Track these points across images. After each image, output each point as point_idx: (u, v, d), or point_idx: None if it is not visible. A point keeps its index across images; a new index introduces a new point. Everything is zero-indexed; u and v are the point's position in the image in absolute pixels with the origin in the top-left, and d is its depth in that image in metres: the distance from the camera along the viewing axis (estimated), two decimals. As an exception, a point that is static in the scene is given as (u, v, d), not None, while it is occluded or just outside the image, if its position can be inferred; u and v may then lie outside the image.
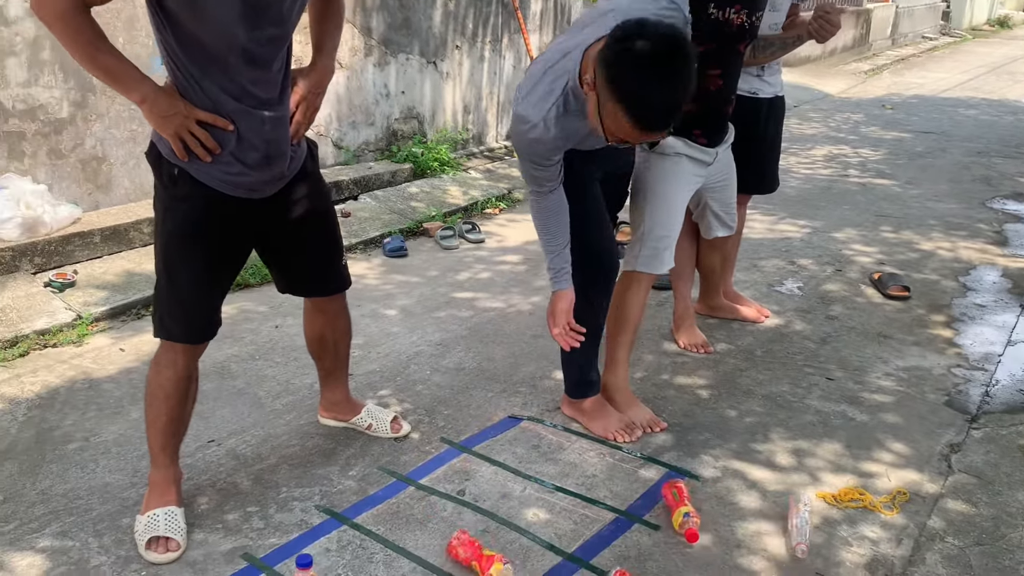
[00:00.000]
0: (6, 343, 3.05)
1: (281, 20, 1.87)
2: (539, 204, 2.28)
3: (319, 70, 2.11)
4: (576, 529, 2.17)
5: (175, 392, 2.10)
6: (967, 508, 2.29)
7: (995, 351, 3.24)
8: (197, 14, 1.75)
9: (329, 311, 2.41)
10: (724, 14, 2.51)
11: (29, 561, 2.01)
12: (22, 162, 3.58)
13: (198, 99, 1.85)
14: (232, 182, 1.95)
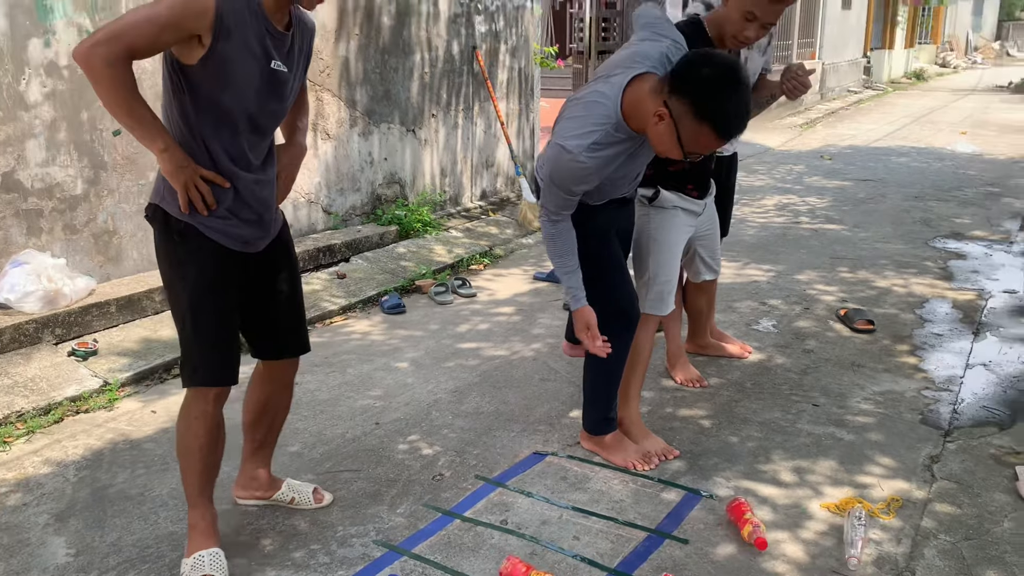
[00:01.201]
0: (40, 411, 3.17)
1: (286, 97, 2.17)
2: (553, 230, 2.53)
3: (295, 147, 2.37)
4: (614, 547, 2.40)
5: (208, 439, 2.24)
6: (953, 509, 2.58)
7: (957, 373, 3.58)
8: (222, 83, 2.01)
9: (280, 381, 2.49)
10: None
11: (117, 604, 2.15)
12: (40, 238, 3.73)
13: (200, 158, 2.07)
14: (231, 234, 2.16)
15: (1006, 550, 2.37)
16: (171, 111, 2.08)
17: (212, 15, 1.94)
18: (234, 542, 2.41)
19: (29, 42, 3.58)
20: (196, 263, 2.15)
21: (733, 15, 2.70)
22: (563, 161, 2.37)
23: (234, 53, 2.00)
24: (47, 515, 2.55)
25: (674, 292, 2.98)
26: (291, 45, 2.14)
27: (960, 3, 31.48)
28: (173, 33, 1.94)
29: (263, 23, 2.03)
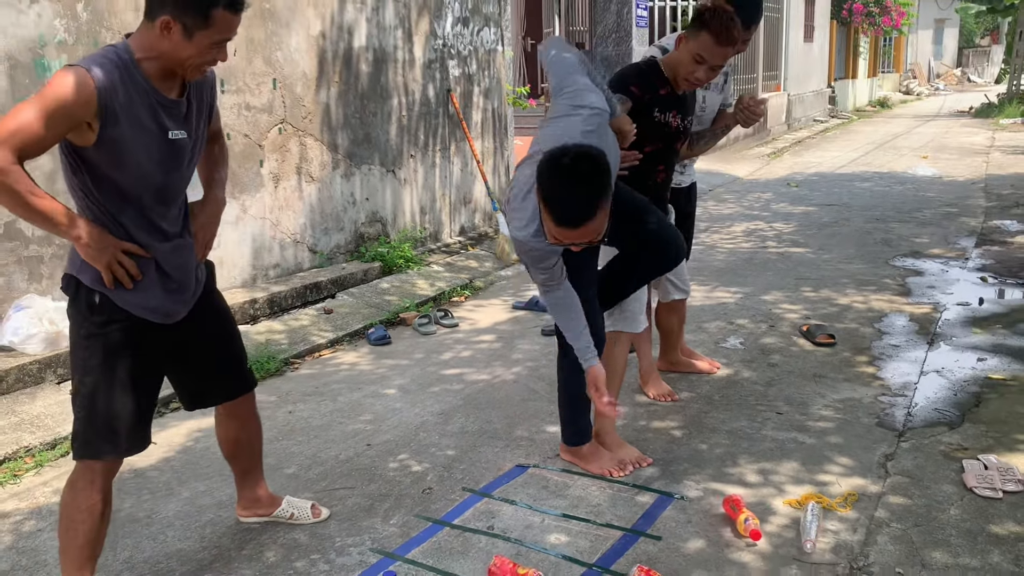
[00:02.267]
0: (47, 445, 3.34)
1: (189, 163, 2.22)
2: (551, 298, 2.69)
3: (212, 202, 2.40)
4: (593, 545, 2.59)
5: (92, 514, 2.19)
6: (905, 500, 2.79)
7: (911, 380, 3.82)
8: (118, 164, 2.04)
9: (241, 415, 2.58)
10: (664, 117, 3.11)
11: (134, 614, 2.32)
12: (40, 283, 3.92)
13: (115, 232, 2.09)
14: (151, 308, 2.18)
15: (951, 534, 2.59)
16: (75, 189, 2.10)
17: (95, 103, 1.95)
18: (238, 556, 2.59)
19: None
20: (104, 337, 2.15)
21: (684, 58, 2.97)
22: (523, 248, 2.55)
23: (127, 133, 2.02)
24: (61, 539, 2.72)
25: (644, 311, 3.21)
26: (188, 108, 2.17)
27: (920, 32, 32.41)
28: (61, 126, 1.95)
29: (153, 96, 2.06)
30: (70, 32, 3.92)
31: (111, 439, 2.20)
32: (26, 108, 1.94)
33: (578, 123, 2.55)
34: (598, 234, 2.40)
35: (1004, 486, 2.82)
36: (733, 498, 2.73)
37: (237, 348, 2.54)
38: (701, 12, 2.91)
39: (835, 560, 2.48)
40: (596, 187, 2.31)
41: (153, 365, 2.29)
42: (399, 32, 5.90)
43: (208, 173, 2.44)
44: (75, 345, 2.21)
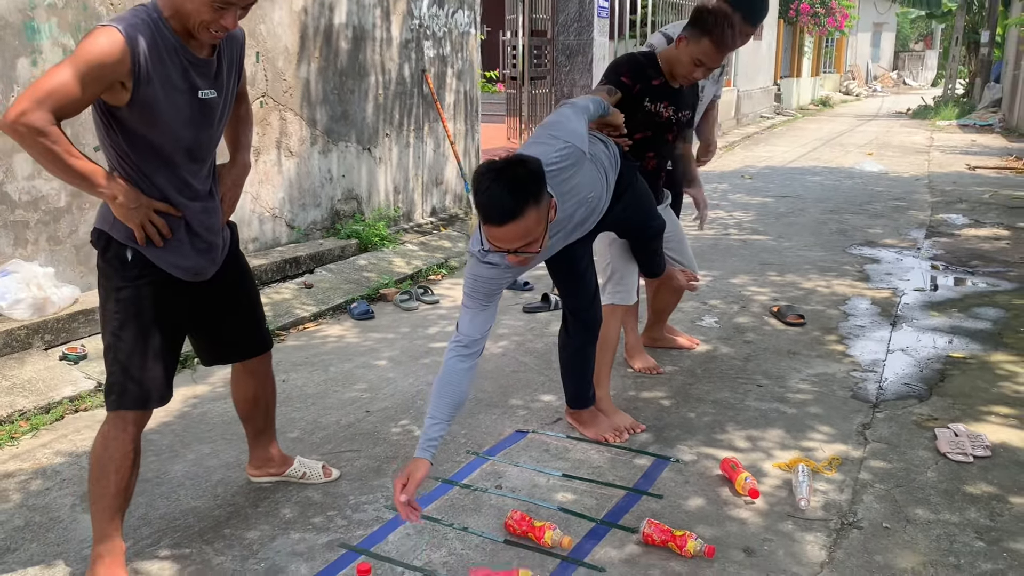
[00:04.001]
0: (41, 409, 3.32)
1: (220, 121, 2.25)
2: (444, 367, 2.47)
3: (239, 165, 2.45)
4: (599, 503, 2.71)
5: (124, 463, 2.24)
6: (885, 464, 2.98)
7: (879, 358, 4.02)
8: (151, 123, 2.07)
9: (259, 373, 2.63)
10: (655, 107, 3.22)
11: (159, 566, 2.36)
12: (26, 248, 3.87)
13: (148, 192, 2.13)
14: (180, 266, 2.23)
15: (931, 493, 2.77)
16: (108, 148, 2.13)
17: (128, 62, 1.98)
18: (254, 513, 2.64)
19: (18, 61, 3.74)
20: (133, 292, 2.19)
21: (684, 58, 3.08)
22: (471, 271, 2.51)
23: (158, 92, 2.05)
24: (71, 497, 2.73)
25: (635, 285, 3.34)
26: (218, 67, 2.20)
27: (860, 34, 33.33)
28: (96, 86, 1.97)
29: (183, 55, 2.09)
30: (60, -5, 3.88)
31: (142, 390, 2.24)
32: (61, 69, 1.95)
33: (549, 151, 2.49)
34: (529, 238, 2.25)
35: (974, 451, 3.03)
36: (732, 460, 2.87)
37: (257, 309, 2.59)
38: (702, 16, 3.00)
39: (827, 516, 2.64)
40: (523, 189, 2.19)
41: (179, 321, 2.33)
42: (377, 11, 5.92)
43: (234, 136, 2.47)
44: (106, 299, 2.24)
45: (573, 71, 11.24)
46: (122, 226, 2.15)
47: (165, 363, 2.28)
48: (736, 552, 2.44)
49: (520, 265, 2.45)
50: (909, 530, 2.56)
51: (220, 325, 2.48)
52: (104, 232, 2.19)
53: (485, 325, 2.52)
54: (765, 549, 2.46)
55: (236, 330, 2.52)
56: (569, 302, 3.08)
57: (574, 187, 2.57)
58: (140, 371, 2.22)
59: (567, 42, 11.21)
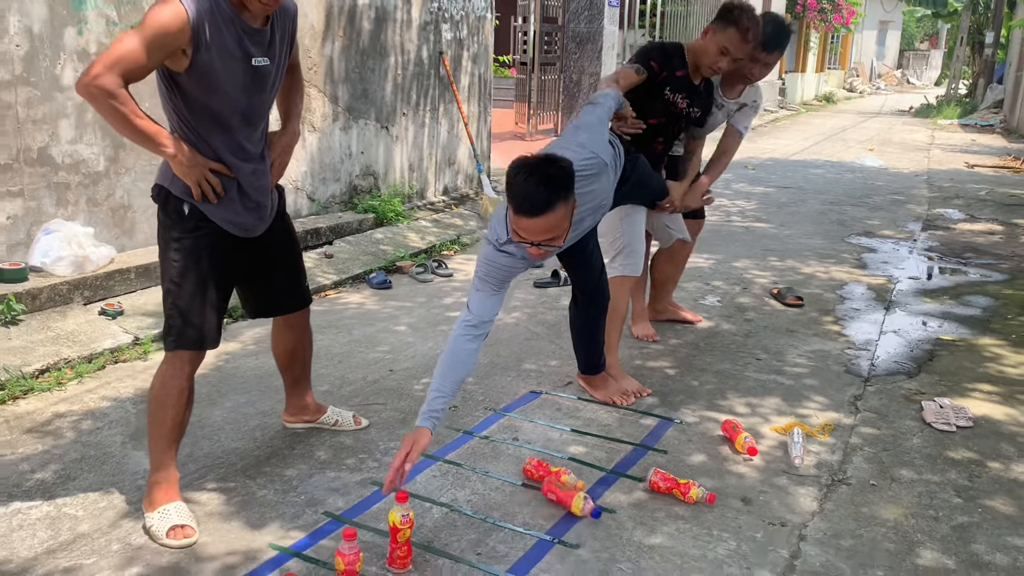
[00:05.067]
0: (84, 359, 3.53)
1: (272, 87, 2.43)
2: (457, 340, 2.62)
3: (289, 133, 2.64)
4: (608, 456, 2.93)
5: (180, 398, 2.44)
6: (874, 431, 3.20)
7: (872, 338, 4.25)
8: (208, 88, 2.26)
9: (298, 326, 2.85)
10: (674, 97, 3.44)
11: (207, 497, 2.57)
12: (67, 209, 4.07)
13: (204, 152, 2.33)
14: (232, 221, 2.43)
15: (915, 457, 3.00)
16: (169, 111, 2.32)
17: (188, 31, 2.16)
18: (291, 454, 2.85)
19: (65, 30, 3.93)
20: (191, 242, 2.39)
21: (710, 48, 3.28)
22: (486, 257, 2.68)
23: (215, 61, 2.22)
24: (120, 436, 2.95)
25: (643, 257, 3.56)
26: (271, 37, 2.36)
27: (865, 32, 33.44)
28: (160, 53, 2.16)
29: (238, 25, 2.26)
30: (105, -32, 4.06)
31: (198, 333, 2.44)
32: (128, 37, 2.15)
33: (576, 158, 2.64)
34: (555, 233, 2.43)
35: (958, 422, 3.25)
36: (732, 421, 3.09)
37: (300, 266, 2.79)
38: (729, 8, 3.22)
39: (818, 474, 2.86)
40: (556, 186, 2.37)
41: (230, 273, 2.54)
42: (399, -8, 6.11)
43: (286, 104, 2.67)
44: (164, 249, 2.44)
45: (583, 58, 11.42)
46: (180, 182, 2.35)
47: (217, 310, 2.49)
48: (735, 501, 2.66)
49: (539, 257, 2.62)
50: (894, 487, 2.78)
51: (266, 280, 2.68)
52: (164, 187, 2.40)
53: (494, 308, 2.69)
54: (761, 499, 2.68)
55: (280, 285, 2.72)
56: (577, 282, 3.28)
57: (592, 192, 2.74)
58: (196, 315, 2.43)
59: (577, 29, 11.38)
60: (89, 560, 2.25)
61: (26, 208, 3.90)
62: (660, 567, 2.31)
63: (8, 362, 3.34)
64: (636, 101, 3.29)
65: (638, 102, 3.29)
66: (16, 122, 3.79)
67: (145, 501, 2.44)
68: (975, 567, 2.36)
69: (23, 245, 3.91)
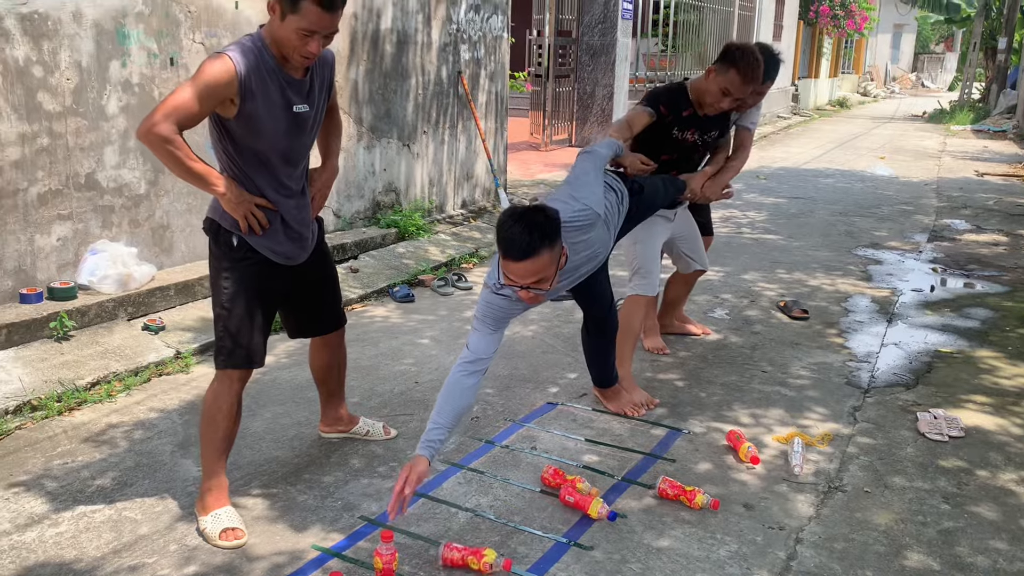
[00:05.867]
0: (130, 372, 3.79)
1: (311, 131, 2.65)
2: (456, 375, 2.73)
3: (328, 170, 2.87)
4: (620, 464, 3.15)
5: (230, 413, 2.68)
6: (870, 440, 3.41)
7: (874, 350, 4.45)
8: (254, 133, 2.49)
9: (333, 344, 3.08)
10: (682, 135, 3.66)
11: (253, 502, 2.82)
12: (111, 230, 4.34)
13: (250, 189, 2.57)
14: (276, 251, 2.66)
15: (908, 466, 3.20)
16: (219, 152, 2.56)
17: (236, 84, 2.40)
18: (327, 462, 3.09)
19: (110, 63, 4.20)
20: (239, 271, 2.62)
21: (712, 88, 3.49)
22: (485, 299, 2.82)
23: (260, 109, 2.45)
24: (170, 445, 3.20)
25: (658, 277, 3.79)
26: (311, 86, 2.59)
27: (880, 35, 33.50)
28: (211, 103, 2.40)
29: (280, 76, 2.49)
30: (147, 4, 4.32)
31: (244, 353, 2.69)
32: (183, 89, 2.40)
33: (568, 210, 2.84)
34: (540, 276, 2.55)
35: (950, 432, 3.45)
36: (736, 431, 3.31)
37: (337, 291, 3.03)
38: (730, 50, 3.43)
39: (816, 481, 3.07)
40: (541, 232, 2.51)
41: (274, 297, 2.78)
42: (420, 16, 6.36)
43: (325, 143, 2.91)
44: (216, 277, 2.69)
45: (596, 70, 11.65)
46: (229, 216, 2.60)
47: (263, 332, 2.74)
48: (737, 507, 2.88)
49: (530, 302, 2.75)
50: (886, 494, 2.99)
51: (306, 304, 2.93)
52: (215, 221, 2.65)
53: (492, 347, 2.81)
54: (762, 505, 2.90)
55: (319, 309, 2.97)
56: (588, 313, 3.49)
57: (585, 241, 2.90)
58: (245, 337, 2.67)
59: (591, 42, 11.61)
60: (151, 559, 2.50)
61: (74, 230, 4.17)
62: (667, 567, 2.53)
63: (63, 375, 3.60)
64: (649, 139, 3.53)
65: (651, 140, 3.53)
66: (66, 150, 4.06)
67: (198, 506, 2.68)
68: (958, 568, 2.56)
69: (71, 265, 4.17)
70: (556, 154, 10.98)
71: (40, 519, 2.69)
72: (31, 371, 3.59)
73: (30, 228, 3.97)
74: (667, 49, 14.02)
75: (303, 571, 2.45)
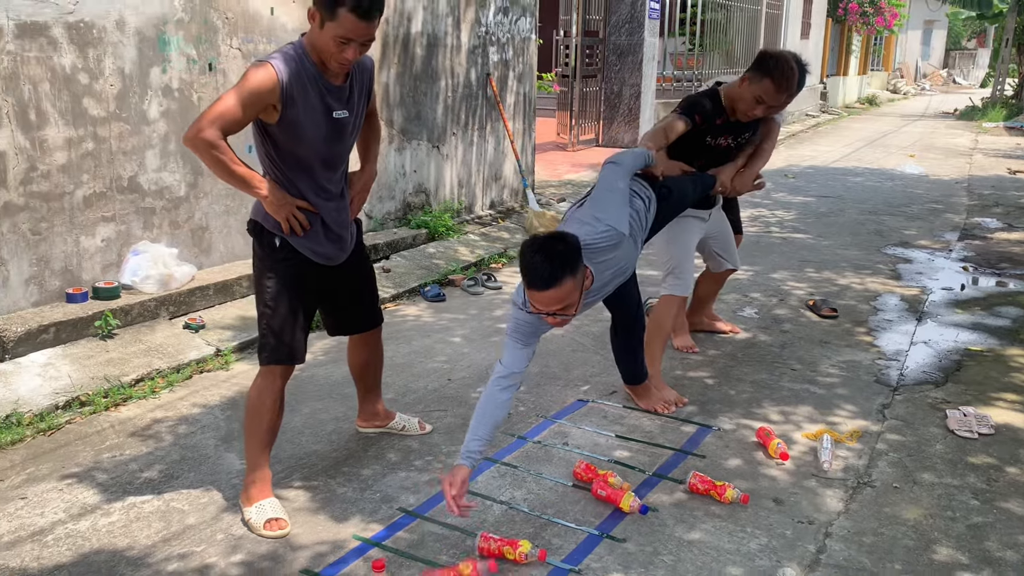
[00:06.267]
0: (173, 369, 3.90)
1: (351, 136, 2.75)
2: (492, 390, 2.80)
3: (367, 173, 2.98)
4: (651, 460, 3.21)
5: (273, 407, 2.79)
6: (899, 437, 3.44)
7: (903, 348, 4.46)
8: (295, 139, 2.59)
9: (371, 343, 3.19)
10: (715, 141, 3.71)
11: (295, 494, 2.91)
12: (152, 232, 4.46)
13: (291, 192, 2.66)
14: (316, 251, 2.76)
15: (937, 462, 3.23)
16: (262, 156, 2.67)
17: (279, 90, 2.50)
18: (365, 456, 3.18)
19: (151, 69, 4.33)
20: (282, 271, 2.73)
21: (746, 96, 3.53)
22: (514, 315, 2.87)
23: (301, 115, 2.55)
24: (214, 439, 3.31)
25: (691, 277, 3.84)
26: (350, 92, 2.67)
27: (910, 32, 33.14)
28: (254, 109, 2.50)
29: (320, 83, 2.58)
30: (186, 12, 4.44)
31: (287, 350, 2.79)
32: (228, 96, 2.50)
33: (590, 232, 2.89)
34: (565, 303, 2.60)
35: (979, 429, 3.47)
36: (766, 428, 3.36)
37: (374, 290, 3.13)
38: (765, 58, 3.47)
39: (845, 477, 3.11)
40: (563, 262, 2.54)
41: (314, 296, 2.88)
42: (449, 20, 6.45)
43: (364, 148, 3.00)
44: (259, 277, 2.79)
45: (623, 70, 11.68)
46: (272, 219, 2.69)
47: (304, 330, 2.83)
48: (767, 501, 2.93)
49: (558, 325, 2.76)
50: (915, 490, 3.02)
51: (345, 303, 3.02)
52: (258, 223, 2.74)
53: (524, 361, 2.86)
54: (792, 500, 2.94)
55: (357, 308, 3.06)
56: (616, 316, 3.56)
57: (610, 260, 2.93)
58: (288, 335, 2.77)
59: (618, 42, 11.65)
60: (199, 548, 2.60)
61: (117, 231, 4.30)
62: (698, 559, 2.59)
63: (108, 372, 3.72)
64: (683, 146, 3.59)
65: (686, 147, 3.58)
66: (110, 154, 4.19)
67: (242, 497, 2.78)
68: (986, 563, 2.60)
69: (115, 265, 4.30)
70: (583, 154, 11.03)
71: (93, 509, 2.80)
72: (79, 368, 3.71)
73: (76, 230, 4.11)
74: (694, 48, 14.01)
75: (345, 560, 2.54)
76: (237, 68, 4.71)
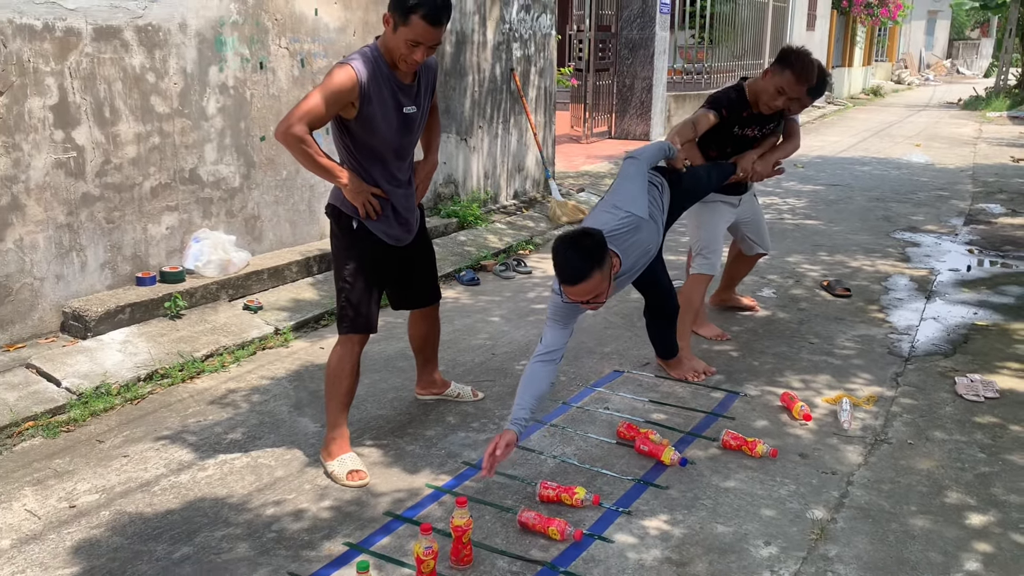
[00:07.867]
0: (237, 346, 4.22)
1: (416, 130, 3.05)
2: (535, 365, 3.01)
3: (430, 163, 3.26)
4: (685, 422, 3.52)
5: (350, 371, 3.09)
6: (912, 401, 3.74)
7: (914, 323, 4.77)
8: (370, 132, 2.89)
9: (431, 317, 3.48)
10: (742, 131, 4.01)
11: (368, 451, 3.23)
12: (210, 220, 4.78)
13: (366, 180, 2.95)
14: (388, 233, 3.06)
15: (947, 422, 3.54)
16: (340, 148, 2.98)
17: (358, 89, 2.79)
18: (426, 420, 3.50)
19: (210, 68, 4.64)
20: (358, 249, 3.03)
21: (768, 87, 3.82)
22: (552, 300, 3.12)
23: (376, 111, 2.83)
24: (286, 406, 3.63)
25: (719, 258, 4.15)
26: (418, 89, 2.96)
27: (914, 22, 33.32)
28: (336, 107, 2.79)
29: (393, 83, 2.86)
30: (240, 14, 4.75)
31: (364, 321, 3.10)
32: (314, 94, 2.80)
33: (611, 220, 3.15)
34: (596, 293, 2.84)
35: (985, 393, 3.78)
36: (789, 393, 3.67)
37: (435, 269, 3.44)
38: (786, 52, 3.77)
39: (863, 435, 3.42)
40: (590, 256, 2.79)
41: (384, 274, 3.19)
42: (476, 17, 6.74)
43: (427, 140, 3.30)
44: (338, 256, 3.10)
45: (635, 63, 11.97)
46: (349, 203, 3.00)
47: (377, 303, 3.15)
48: (794, 456, 3.24)
49: (593, 309, 3.00)
50: (927, 445, 3.33)
51: (410, 280, 3.33)
52: (337, 207, 3.06)
53: (564, 339, 3.08)
54: (816, 454, 3.25)
55: (420, 284, 3.38)
56: (648, 298, 3.85)
57: (634, 242, 3.19)
58: (364, 307, 3.08)
59: (630, 36, 11.93)
60: (290, 496, 2.92)
61: (180, 220, 4.62)
62: (735, 502, 2.90)
63: (181, 348, 4.04)
64: (712, 137, 3.89)
65: (714, 138, 3.89)
66: (173, 148, 4.50)
67: (323, 453, 3.10)
68: (993, 505, 2.90)
69: (178, 251, 4.62)
70: (597, 146, 11.33)
71: (189, 465, 3.12)
72: (154, 344, 4.03)
73: (144, 218, 4.42)
74: (702, 41, 14.29)
75: (422, 504, 2.86)
76: (285, 67, 5.02)
